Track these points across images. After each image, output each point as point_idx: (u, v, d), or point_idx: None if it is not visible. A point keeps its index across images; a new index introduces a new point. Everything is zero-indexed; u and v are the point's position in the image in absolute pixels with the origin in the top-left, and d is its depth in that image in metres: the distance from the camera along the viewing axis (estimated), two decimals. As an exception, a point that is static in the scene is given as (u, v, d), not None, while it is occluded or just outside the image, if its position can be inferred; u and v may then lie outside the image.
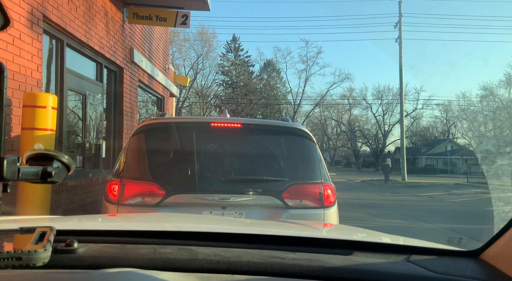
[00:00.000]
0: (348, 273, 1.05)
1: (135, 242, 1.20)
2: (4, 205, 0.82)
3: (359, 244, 1.32)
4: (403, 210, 11.53)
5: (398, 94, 35.29)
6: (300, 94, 49.65)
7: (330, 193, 3.38)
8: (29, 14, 4.79)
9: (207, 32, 44.94)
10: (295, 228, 1.84)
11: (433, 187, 21.54)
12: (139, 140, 3.56)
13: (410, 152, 51.30)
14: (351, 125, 54.25)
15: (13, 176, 0.74)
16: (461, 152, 48.00)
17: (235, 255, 1.10)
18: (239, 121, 3.59)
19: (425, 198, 15.86)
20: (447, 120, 59.44)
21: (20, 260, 0.73)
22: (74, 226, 1.55)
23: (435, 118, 61.97)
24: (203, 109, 45.42)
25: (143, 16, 8.43)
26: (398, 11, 26.61)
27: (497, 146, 9.50)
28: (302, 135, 3.60)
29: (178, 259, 1.07)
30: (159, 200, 3.18)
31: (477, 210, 11.87)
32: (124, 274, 0.95)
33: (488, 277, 1.06)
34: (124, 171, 3.38)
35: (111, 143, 8.14)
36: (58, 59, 5.96)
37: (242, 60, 52.58)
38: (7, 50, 4.37)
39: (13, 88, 4.47)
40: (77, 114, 6.90)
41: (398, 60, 26.15)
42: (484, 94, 46.17)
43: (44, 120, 4.24)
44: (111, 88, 8.12)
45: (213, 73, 49.18)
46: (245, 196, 3.23)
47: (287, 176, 3.38)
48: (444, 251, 1.29)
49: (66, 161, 0.89)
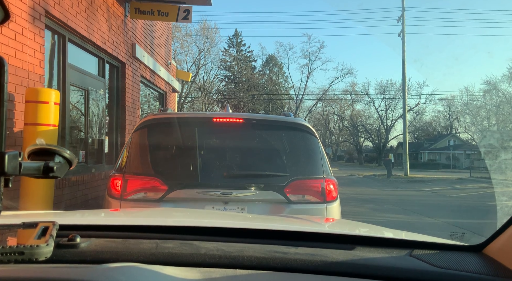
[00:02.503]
0: (351, 267, 1.05)
1: (138, 237, 1.20)
2: (6, 200, 0.82)
3: (362, 239, 1.31)
4: (406, 205, 11.52)
5: (401, 88, 35.18)
6: (302, 89, 49.57)
7: (332, 188, 3.38)
8: (31, 9, 4.78)
9: (209, 27, 44.83)
10: (297, 223, 1.84)
11: (436, 182, 21.52)
12: (141, 135, 3.56)
13: (413, 147, 51.19)
14: (354, 120, 54.13)
15: (14, 171, 0.74)
16: (464, 147, 47.89)
17: (237, 250, 1.10)
18: (241, 116, 3.58)
19: (428, 193, 15.85)
20: (450, 115, 59.31)
21: (22, 255, 0.73)
22: (77, 221, 1.55)
23: (438, 112, 61.89)
24: (205, 104, 45.40)
25: (145, 11, 8.41)
26: (401, 5, 26.47)
27: (500, 141, 9.44)
28: (304, 130, 3.59)
29: (181, 253, 1.07)
30: (161, 195, 3.18)
31: (480, 205, 11.86)
32: (126, 269, 0.95)
33: (491, 271, 1.05)
34: (127, 166, 3.38)
35: (114, 138, 8.16)
36: (60, 55, 5.96)
37: (244, 55, 52.47)
38: (9, 46, 4.37)
39: (15, 84, 4.48)
40: (80, 110, 6.90)
41: (401, 55, 26.06)
42: (488, 88, 46.01)
43: (46, 115, 4.25)
44: (113, 84, 8.12)
45: (215, 68, 49.11)
46: (247, 191, 3.23)
47: (289, 171, 3.38)
48: (446, 245, 1.28)
49: (68, 156, 0.89)
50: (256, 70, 53.08)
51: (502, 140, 9.57)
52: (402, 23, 26.14)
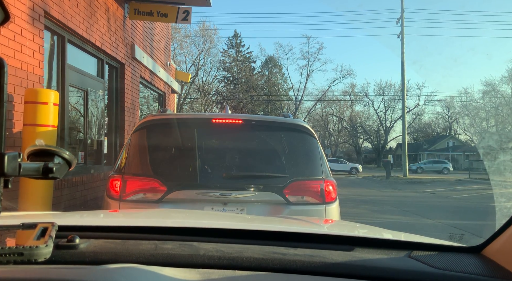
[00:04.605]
0: (350, 269, 1.05)
1: (137, 238, 1.20)
2: (5, 201, 0.82)
3: (361, 240, 1.31)
4: (405, 206, 11.52)
5: (400, 90, 35.22)
6: (301, 90, 49.60)
7: (331, 189, 3.38)
8: (31, 10, 4.78)
9: (209, 28, 44.91)
10: (296, 224, 1.84)
11: (435, 183, 21.54)
12: (140, 136, 3.56)
13: (412, 148, 51.19)
14: (353, 121, 54.17)
15: (14, 171, 0.74)
16: (463, 148, 47.92)
17: (236, 251, 1.10)
18: (241, 117, 3.58)
19: (427, 194, 15.85)
20: (449, 116, 59.37)
21: (21, 255, 0.73)
22: (76, 222, 1.55)
23: (437, 114, 61.98)
24: (205, 105, 45.40)
25: (144, 12, 8.42)
26: (400, 7, 26.52)
27: (499, 142, 9.47)
28: (303, 131, 3.59)
29: (180, 255, 1.07)
30: (160, 196, 3.18)
31: (479, 206, 11.86)
32: (125, 270, 0.95)
33: (490, 272, 1.05)
34: (126, 167, 3.38)
35: (113, 139, 8.15)
36: (59, 55, 5.95)
37: (243, 56, 52.47)
38: (9, 46, 4.37)
39: (14, 84, 4.47)
40: (79, 110, 6.90)
41: (400, 56, 26.12)
42: (486, 90, 46.09)
43: (45, 116, 4.25)
44: (113, 84, 8.12)
45: (215, 69, 49.16)
46: (247, 192, 3.23)
47: (288, 172, 3.38)
48: (445, 247, 1.29)
49: (67, 157, 0.89)
50: (256, 71, 53.11)
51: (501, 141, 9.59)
52: (402, 24, 26.19)
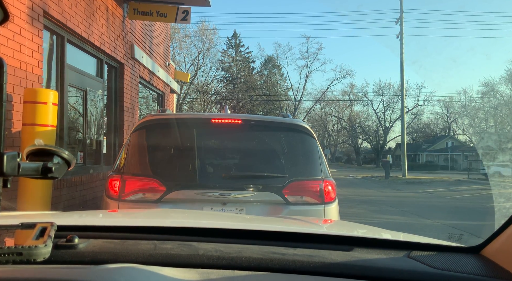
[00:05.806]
0: (349, 269, 1.05)
1: (136, 237, 1.20)
2: (4, 200, 0.82)
3: (360, 240, 1.31)
4: (404, 206, 11.53)
5: (399, 90, 35.25)
6: (301, 90, 49.58)
7: (330, 189, 3.38)
8: (30, 10, 4.78)
9: (208, 28, 44.84)
10: (295, 224, 1.84)
11: (434, 183, 21.54)
12: (140, 136, 3.56)
13: (411, 148, 51.27)
14: (352, 122, 54.17)
15: (13, 171, 0.74)
16: (462, 149, 47.97)
17: (235, 251, 1.10)
18: (240, 117, 3.58)
19: (426, 194, 15.86)
20: (448, 117, 59.43)
21: (20, 255, 0.73)
22: (75, 221, 1.55)
23: (436, 114, 62.02)
24: (204, 105, 45.38)
25: (143, 11, 8.42)
26: (400, 7, 26.53)
27: (498, 142, 9.49)
28: (302, 132, 3.59)
29: (179, 254, 1.07)
30: (160, 196, 3.18)
31: (477, 207, 11.87)
32: (125, 270, 0.95)
33: (489, 273, 1.05)
34: (125, 167, 3.38)
35: (112, 139, 8.15)
36: (58, 55, 5.95)
37: (243, 56, 52.47)
38: (8, 46, 4.37)
39: (13, 84, 4.47)
40: (78, 110, 6.89)
41: (400, 56, 26.13)
42: (485, 90, 46.13)
43: (44, 116, 4.24)
44: (112, 84, 8.11)
45: (214, 69, 49.11)
46: (246, 192, 3.23)
47: (287, 172, 3.38)
48: (444, 247, 1.29)
49: (66, 157, 0.89)
50: (255, 71, 53.10)
51: (500, 142, 9.61)
52: (401, 24, 26.19)
